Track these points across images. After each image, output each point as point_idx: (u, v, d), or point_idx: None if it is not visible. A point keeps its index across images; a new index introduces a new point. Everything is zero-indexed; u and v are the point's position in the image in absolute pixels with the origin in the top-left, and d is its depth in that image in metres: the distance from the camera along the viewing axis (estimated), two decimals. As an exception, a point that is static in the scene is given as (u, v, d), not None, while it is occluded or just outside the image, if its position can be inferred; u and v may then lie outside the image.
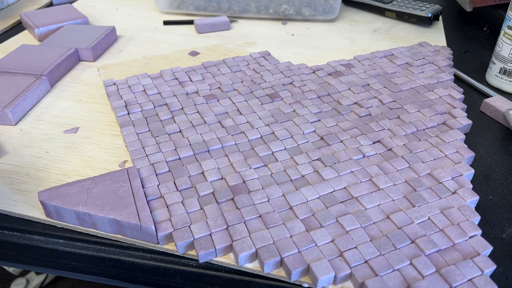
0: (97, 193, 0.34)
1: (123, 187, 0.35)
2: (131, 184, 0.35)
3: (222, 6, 0.71)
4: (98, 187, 0.35)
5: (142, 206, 0.33)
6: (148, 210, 0.33)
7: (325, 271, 0.29)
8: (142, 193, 0.34)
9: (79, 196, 0.34)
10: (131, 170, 0.37)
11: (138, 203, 0.34)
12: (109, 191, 0.35)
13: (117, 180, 0.36)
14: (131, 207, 0.33)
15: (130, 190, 0.35)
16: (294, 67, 0.55)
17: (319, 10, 0.69)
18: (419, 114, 0.45)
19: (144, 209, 0.33)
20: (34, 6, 0.78)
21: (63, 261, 0.35)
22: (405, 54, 0.58)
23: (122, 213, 0.33)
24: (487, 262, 0.30)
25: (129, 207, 0.33)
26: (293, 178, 0.37)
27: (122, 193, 0.34)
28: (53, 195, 0.34)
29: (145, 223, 0.32)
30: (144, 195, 0.34)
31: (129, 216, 0.32)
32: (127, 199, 0.34)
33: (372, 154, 0.40)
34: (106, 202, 0.34)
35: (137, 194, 0.34)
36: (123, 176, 0.36)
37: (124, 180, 0.36)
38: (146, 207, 0.33)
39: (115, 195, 0.34)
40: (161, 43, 0.64)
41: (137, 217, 0.32)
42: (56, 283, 1.06)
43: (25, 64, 0.53)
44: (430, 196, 0.35)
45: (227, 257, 0.32)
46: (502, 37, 0.51)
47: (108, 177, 0.36)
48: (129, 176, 0.36)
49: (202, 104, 0.47)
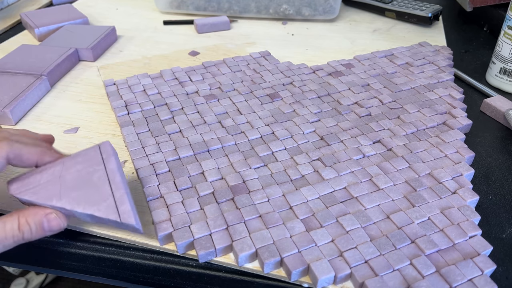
0: (71, 180, 0.31)
1: (97, 172, 0.31)
2: (106, 167, 0.32)
3: (222, 6, 0.71)
4: (71, 172, 0.31)
5: (120, 198, 0.30)
6: (128, 203, 0.30)
7: (325, 271, 0.29)
8: (118, 179, 0.31)
9: (52, 186, 0.31)
10: (104, 148, 0.33)
11: (116, 193, 0.30)
12: (83, 178, 0.31)
13: (90, 162, 0.32)
14: (109, 199, 0.30)
15: (105, 175, 0.31)
16: (294, 67, 0.55)
17: (319, 10, 0.69)
18: (419, 114, 0.45)
19: (123, 201, 0.30)
20: (34, 6, 0.78)
21: (63, 261, 0.35)
22: (405, 54, 0.58)
23: (100, 208, 0.30)
24: (487, 262, 0.30)
25: (106, 199, 0.30)
26: (293, 178, 0.37)
27: (97, 179, 0.31)
28: (23, 187, 0.31)
29: (125, 219, 0.30)
30: (120, 181, 0.31)
31: (108, 211, 0.30)
32: (103, 187, 0.31)
33: (372, 154, 0.40)
34: (81, 194, 0.30)
35: (113, 181, 0.31)
36: (96, 157, 0.32)
37: (97, 162, 0.32)
38: (124, 197, 0.30)
39: (90, 183, 0.31)
40: (161, 43, 0.64)
41: (116, 212, 0.30)
42: (56, 283, 1.06)
43: (25, 64, 0.53)
44: (430, 196, 0.35)
45: (227, 257, 0.32)
46: (502, 37, 0.51)
47: (80, 158, 0.32)
48: (102, 156, 0.32)
49: (202, 104, 0.47)
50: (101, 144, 0.33)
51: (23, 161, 0.31)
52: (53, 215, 0.30)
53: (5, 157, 0.30)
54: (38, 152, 0.31)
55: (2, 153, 0.30)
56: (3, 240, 0.29)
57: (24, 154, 0.31)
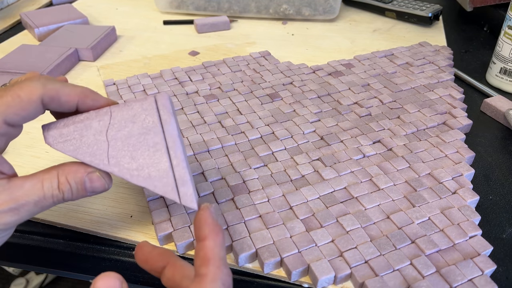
0: (120, 141, 0.26)
1: (154, 136, 0.26)
2: (164, 130, 0.26)
3: (222, 6, 0.71)
4: (120, 130, 0.26)
5: (181, 176, 0.26)
6: (190, 184, 0.26)
7: (325, 271, 0.29)
8: (179, 149, 0.26)
9: (97, 143, 0.26)
10: (161, 103, 0.26)
11: (176, 168, 0.26)
12: (136, 141, 0.26)
13: (145, 122, 0.26)
14: (168, 175, 0.26)
15: (163, 141, 0.26)
16: (294, 67, 0.55)
17: (319, 10, 0.69)
18: (419, 114, 0.45)
19: (184, 180, 0.26)
20: (34, 6, 0.78)
21: (63, 261, 0.35)
22: (405, 54, 0.58)
23: (156, 184, 0.26)
24: (487, 262, 0.30)
25: (165, 174, 0.26)
26: (293, 178, 0.37)
27: (153, 146, 0.26)
28: (62, 136, 0.26)
29: (186, 202, 0.26)
30: (181, 152, 0.26)
31: (166, 189, 0.26)
32: (161, 158, 0.26)
33: (372, 154, 0.40)
34: (133, 162, 0.26)
35: (173, 151, 0.26)
36: (152, 115, 0.26)
37: (154, 123, 0.26)
38: (186, 176, 0.26)
39: (144, 149, 0.26)
40: (161, 43, 0.64)
41: (176, 191, 0.26)
42: (56, 283, 1.06)
43: (25, 64, 0.53)
44: (430, 196, 0.35)
45: (227, 257, 0.32)
46: (503, 37, 0.51)
47: (132, 113, 0.26)
48: (160, 114, 0.26)
49: (202, 104, 0.47)
50: (158, 97, 0.26)
51: (61, 104, 0.26)
52: (96, 174, 0.26)
53: (39, 101, 0.25)
54: (79, 92, 0.26)
55: (34, 96, 0.24)
56: (42, 200, 0.25)
57: (62, 95, 0.25)
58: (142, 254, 0.26)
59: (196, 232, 0.25)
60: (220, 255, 0.24)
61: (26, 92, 0.24)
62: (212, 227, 0.25)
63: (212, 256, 0.24)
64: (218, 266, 0.23)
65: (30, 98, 0.24)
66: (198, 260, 0.24)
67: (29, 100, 0.24)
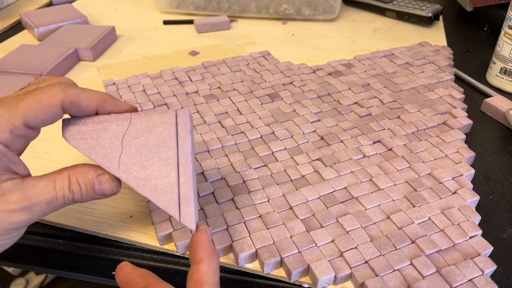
0: (134, 149, 0.26)
1: (167, 150, 0.26)
2: (178, 145, 0.26)
3: (222, 6, 0.71)
4: (136, 138, 0.26)
5: (185, 194, 0.25)
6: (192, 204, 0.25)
7: (325, 271, 0.29)
8: (189, 167, 0.26)
9: (111, 147, 0.26)
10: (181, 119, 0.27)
11: (182, 186, 0.26)
12: (149, 151, 0.26)
13: (161, 134, 0.27)
14: (173, 191, 0.25)
15: (175, 156, 0.26)
16: (294, 67, 0.55)
17: (319, 9, 0.69)
18: (420, 114, 0.45)
19: (187, 199, 0.25)
20: (33, 6, 0.78)
21: (63, 261, 0.35)
22: (405, 54, 0.58)
23: (160, 198, 0.25)
24: (487, 262, 0.30)
25: (170, 190, 0.25)
26: (293, 178, 0.37)
27: (165, 159, 0.26)
28: (79, 133, 0.27)
29: (185, 221, 0.25)
30: (191, 170, 0.26)
31: (168, 204, 0.25)
32: (170, 173, 0.26)
33: (372, 154, 0.40)
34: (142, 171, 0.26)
35: (183, 167, 0.26)
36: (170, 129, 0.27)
37: (170, 137, 0.26)
38: (189, 195, 0.25)
39: (155, 161, 0.26)
40: (161, 43, 0.64)
41: (177, 208, 0.25)
42: (56, 283, 1.06)
43: (24, 64, 0.53)
44: (431, 196, 0.35)
45: (227, 257, 0.32)
46: (503, 36, 0.51)
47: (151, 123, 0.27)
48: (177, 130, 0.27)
49: (202, 104, 0.47)
50: (179, 112, 0.27)
51: (81, 109, 0.26)
52: (105, 176, 0.26)
53: (59, 106, 0.25)
54: (98, 97, 0.27)
55: (55, 101, 0.25)
56: (54, 200, 0.25)
57: (82, 100, 0.26)
58: (123, 275, 0.26)
59: (191, 254, 0.25)
60: (214, 280, 0.24)
61: (47, 96, 0.25)
62: (208, 251, 0.25)
63: (206, 280, 0.24)
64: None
65: (51, 102, 0.25)
66: (191, 282, 0.24)
67: (50, 104, 0.25)
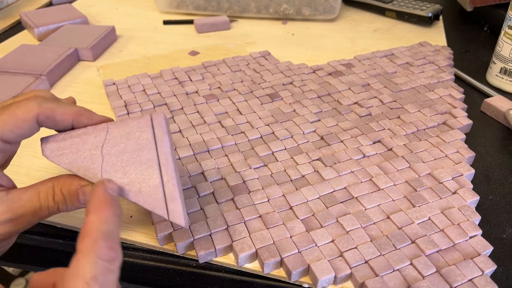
0: (114, 157, 0.27)
1: (147, 153, 0.27)
2: (157, 148, 0.27)
3: (222, 6, 0.71)
4: (115, 146, 0.27)
5: (170, 192, 0.26)
6: (179, 201, 0.26)
7: (325, 271, 0.29)
8: (171, 167, 0.26)
9: (92, 158, 0.27)
10: (157, 122, 0.27)
11: (166, 185, 0.26)
12: (129, 157, 0.27)
13: (139, 139, 0.27)
14: (158, 191, 0.26)
15: (155, 158, 0.27)
16: (294, 67, 0.55)
17: (319, 9, 0.69)
18: (420, 114, 0.45)
19: (173, 197, 0.26)
20: (33, 5, 0.78)
21: (63, 261, 0.35)
22: (405, 54, 0.58)
23: (146, 200, 0.26)
24: (487, 262, 0.30)
25: (155, 191, 0.26)
26: (293, 178, 0.37)
27: (146, 162, 0.26)
28: (59, 150, 0.27)
29: (174, 218, 0.26)
30: (173, 169, 0.26)
31: (155, 205, 0.26)
32: (153, 175, 0.26)
33: (372, 154, 0.40)
34: (125, 177, 0.26)
35: (165, 168, 0.26)
36: (147, 133, 0.27)
37: (148, 140, 0.27)
38: (175, 193, 0.26)
39: (136, 165, 0.26)
40: (161, 43, 0.64)
41: (165, 208, 0.26)
42: (56, 283, 1.06)
43: (24, 64, 0.53)
44: (431, 196, 0.35)
45: (227, 257, 0.32)
46: (503, 36, 0.51)
47: (128, 130, 0.27)
48: (155, 133, 0.27)
49: (202, 104, 0.47)
50: (154, 116, 0.28)
51: (56, 123, 0.27)
52: (88, 187, 0.27)
53: (34, 120, 0.26)
54: (75, 112, 0.27)
55: (30, 115, 0.25)
56: (38, 211, 0.26)
57: (57, 114, 0.26)
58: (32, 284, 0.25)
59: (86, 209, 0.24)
60: (101, 229, 0.22)
61: (22, 110, 0.25)
62: (100, 202, 0.23)
63: (90, 231, 0.22)
64: (94, 240, 0.22)
65: (26, 117, 0.25)
66: (79, 237, 0.22)
67: (25, 119, 0.25)
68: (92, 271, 0.21)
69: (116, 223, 0.23)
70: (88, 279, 0.20)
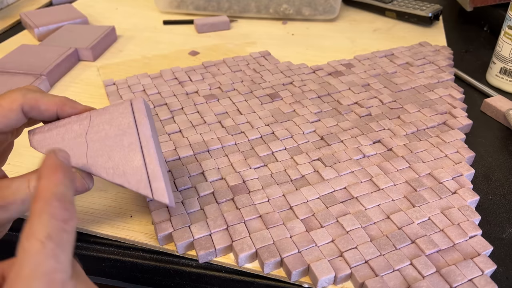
0: (98, 142, 0.28)
1: (128, 136, 0.28)
2: (138, 130, 0.28)
3: (222, 6, 0.71)
4: (98, 132, 0.28)
5: (153, 172, 0.27)
6: (162, 179, 0.27)
7: (325, 271, 0.29)
8: (152, 148, 0.27)
9: (77, 145, 0.28)
10: (136, 106, 0.29)
11: (149, 165, 0.27)
12: (111, 141, 0.28)
13: (120, 122, 0.28)
14: (141, 171, 0.27)
15: (137, 140, 0.28)
16: (294, 67, 0.55)
17: (319, 9, 0.69)
18: (420, 114, 0.45)
19: (156, 176, 0.27)
20: (33, 6, 0.78)
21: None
22: (405, 54, 0.58)
23: (130, 180, 0.27)
24: (487, 262, 0.30)
25: (138, 171, 0.27)
26: (293, 178, 0.37)
27: (128, 145, 0.28)
28: (45, 140, 0.28)
29: (158, 197, 0.27)
30: (154, 150, 0.27)
31: (139, 185, 0.27)
32: (135, 156, 0.27)
33: (373, 154, 0.40)
34: (109, 160, 0.27)
35: (146, 149, 0.27)
36: (127, 117, 0.28)
37: (128, 124, 0.28)
38: (158, 172, 0.27)
39: (119, 149, 0.27)
40: (161, 43, 0.64)
41: (149, 187, 0.27)
42: (56, 283, 1.05)
43: (24, 64, 0.53)
44: (431, 196, 0.35)
45: (227, 257, 0.32)
46: (503, 37, 0.51)
47: (109, 116, 0.29)
48: (135, 116, 0.28)
49: (202, 104, 0.47)
50: (134, 101, 0.29)
51: (41, 112, 0.28)
52: (76, 174, 0.27)
53: (19, 110, 0.27)
54: (58, 101, 0.28)
55: (15, 105, 0.27)
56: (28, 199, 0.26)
57: (41, 104, 0.27)
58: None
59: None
60: (54, 190, 0.22)
61: (7, 101, 0.27)
62: (51, 168, 0.23)
63: (42, 193, 0.21)
64: (46, 201, 0.21)
65: (11, 106, 0.27)
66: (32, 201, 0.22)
67: (10, 109, 0.27)
68: (46, 230, 0.20)
69: (68, 185, 0.23)
70: (42, 237, 0.20)
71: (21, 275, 0.19)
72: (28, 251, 0.20)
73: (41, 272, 0.19)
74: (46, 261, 0.20)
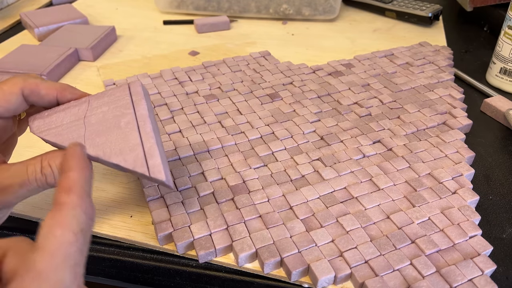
0: (96, 123, 0.28)
1: (125, 116, 0.28)
2: (135, 111, 0.29)
3: (222, 6, 0.71)
4: (96, 114, 0.29)
5: (150, 149, 0.27)
6: (158, 156, 0.27)
7: (325, 271, 0.29)
8: (149, 127, 0.28)
9: (75, 128, 0.28)
10: (134, 89, 0.30)
11: (145, 143, 0.27)
12: (109, 122, 0.28)
13: (118, 104, 0.29)
14: (137, 150, 0.27)
15: (134, 121, 0.28)
16: (294, 67, 0.55)
17: (319, 9, 0.69)
18: (419, 114, 0.45)
19: (153, 153, 0.27)
20: (33, 6, 0.78)
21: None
22: (405, 54, 0.58)
23: (127, 158, 0.27)
24: (487, 262, 0.30)
25: (134, 149, 0.27)
26: (293, 178, 0.37)
27: (125, 125, 0.28)
28: (45, 125, 0.29)
29: (154, 174, 0.27)
30: (151, 129, 0.28)
31: (136, 163, 0.27)
32: (131, 135, 0.28)
33: (372, 154, 0.40)
34: (107, 140, 0.28)
35: (143, 128, 0.28)
36: (125, 98, 0.29)
37: (126, 105, 0.29)
38: (154, 150, 0.27)
39: (116, 128, 0.28)
40: (161, 43, 0.64)
41: (145, 165, 0.27)
42: (56, 283, 1.05)
43: (24, 64, 0.53)
44: (430, 196, 0.35)
45: (227, 257, 0.32)
46: (503, 37, 0.51)
47: (107, 99, 0.29)
48: (132, 98, 0.29)
49: (202, 104, 0.47)
50: (131, 84, 0.30)
51: (41, 96, 0.28)
52: None
53: (19, 93, 0.27)
54: (58, 87, 0.29)
55: (15, 89, 0.27)
56: (26, 183, 0.26)
57: (41, 88, 0.28)
58: None
59: (62, 166, 0.25)
60: (84, 187, 0.23)
61: (8, 85, 0.27)
62: (80, 161, 0.24)
63: (75, 187, 0.23)
64: (80, 195, 0.22)
65: (12, 90, 0.27)
66: (59, 188, 0.23)
67: (11, 92, 0.27)
68: (80, 224, 0.21)
69: (91, 185, 0.25)
70: (77, 231, 0.21)
71: (52, 263, 0.20)
72: (61, 241, 0.21)
73: (70, 264, 0.20)
74: (76, 254, 0.21)
